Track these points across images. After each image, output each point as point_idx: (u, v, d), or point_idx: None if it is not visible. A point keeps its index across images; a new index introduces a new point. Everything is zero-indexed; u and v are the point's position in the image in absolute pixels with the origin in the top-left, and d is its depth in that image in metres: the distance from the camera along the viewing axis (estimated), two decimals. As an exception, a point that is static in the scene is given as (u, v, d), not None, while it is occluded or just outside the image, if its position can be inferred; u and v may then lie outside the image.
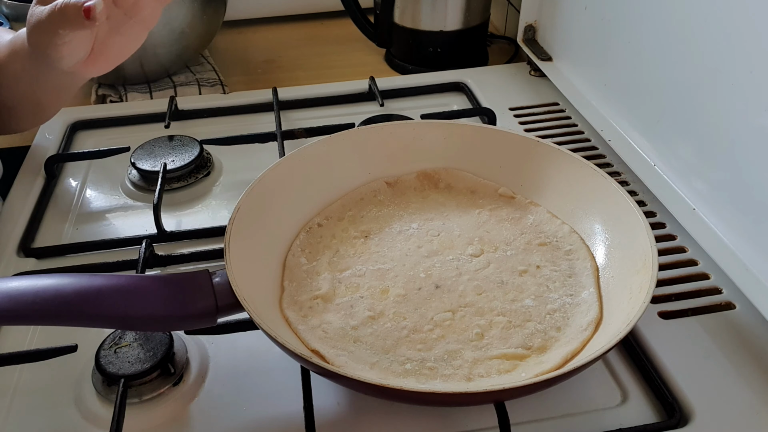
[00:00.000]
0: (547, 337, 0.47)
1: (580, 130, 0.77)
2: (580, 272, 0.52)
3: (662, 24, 0.59)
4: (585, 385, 0.48)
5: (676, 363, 0.49)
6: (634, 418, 0.46)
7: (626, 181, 0.68)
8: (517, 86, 0.86)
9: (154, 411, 0.47)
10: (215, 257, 0.60)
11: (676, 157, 0.59)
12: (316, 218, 0.58)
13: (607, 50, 0.70)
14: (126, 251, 0.61)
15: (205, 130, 0.78)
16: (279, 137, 0.72)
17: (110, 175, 0.72)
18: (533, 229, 0.56)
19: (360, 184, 0.61)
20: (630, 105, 0.67)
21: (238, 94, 0.86)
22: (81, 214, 0.67)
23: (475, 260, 0.53)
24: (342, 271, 0.53)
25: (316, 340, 0.47)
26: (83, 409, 0.48)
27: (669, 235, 0.61)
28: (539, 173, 0.59)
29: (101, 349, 0.49)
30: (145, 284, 0.44)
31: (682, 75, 0.57)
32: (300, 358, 0.41)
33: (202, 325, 0.46)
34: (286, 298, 0.51)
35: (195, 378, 0.50)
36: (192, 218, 0.66)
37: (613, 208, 0.53)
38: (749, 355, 0.50)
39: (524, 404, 0.46)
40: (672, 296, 0.55)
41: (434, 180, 0.62)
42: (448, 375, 0.45)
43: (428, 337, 0.47)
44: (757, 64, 0.48)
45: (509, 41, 1.02)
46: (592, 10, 0.71)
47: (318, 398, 0.46)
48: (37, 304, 0.41)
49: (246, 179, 0.54)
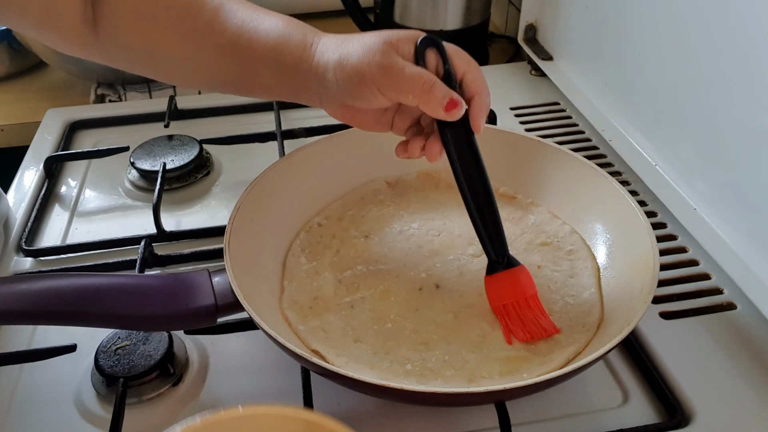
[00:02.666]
0: (549, 338, 0.47)
1: (580, 129, 0.77)
2: (581, 272, 0.52)
3: (663, 23, 0.59)
4: (586, 386, 0.48)
5: (678, 363, 0.49)
6: (636, 419, 0.46)
7: (627, 181, 0.67)
8: (517, 86, 0.86)
9: (153, 411, 0.47)
10: (215, 257, 0.60)
11: (677, 157, 0.59)
12: (317, 218, 0.58)
13: (608, 50, 0.70)
14: (125, 251, 0.61)
15: (205, 129, 0.77)
16: (279, 137, 0.72)
17: (110, 174, 0.72)
18: (534, 229, 0.56)
19: (360, 184, 0.61)
20: (631, 104, 0.67)
21: (238, 93, 0.86)
22: (80, 213, 0.67)
23: (476, 260, 0.53)
24: (342, 271, 0.53)
25: (316, 341, 0.47)
26: (83, 409, 0.48)
27: (670, 235, 0.61)
28: (540, 173, 0.58)
29: (101, 349, 0.49)
30: (145, 284, 0.44)
31: (683, 75, 0.57)
32: (300, 358, 0.41)
33: (201, 324, 0.46)
34: (286, 298, 0.51)
35: (195, 378, 0.49)
36: (191, 218, 0.66)
37: (614, 209, 0.53)
38: (750, 355, 0.50)
39: (525, 405, 0.46)
40: (673, 296, 0.55)
41: (435, 180, 0.61)
42: (449, 376, 0.44)
43: (429, 338, 0.47)
44: (757, 64, 0.48)
45: (510, 41, 1.02)
46: (592, 9, 0.71)
47: (318, 398, 0.46)
48: (36, 304, 0.41)
49: (246, 179, 0.54)
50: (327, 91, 0.46)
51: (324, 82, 0.45)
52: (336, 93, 0.46)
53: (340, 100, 0.46)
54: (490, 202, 0.47)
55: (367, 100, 0.45)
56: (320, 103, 0.48)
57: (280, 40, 0.47)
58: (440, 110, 0.43)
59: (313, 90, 0.47)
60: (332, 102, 0.48)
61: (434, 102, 0.43)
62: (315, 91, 0.47)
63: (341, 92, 0.45)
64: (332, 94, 0.46)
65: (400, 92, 0.44)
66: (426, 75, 0.43)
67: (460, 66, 0.46)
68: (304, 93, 0.48)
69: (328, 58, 0.45)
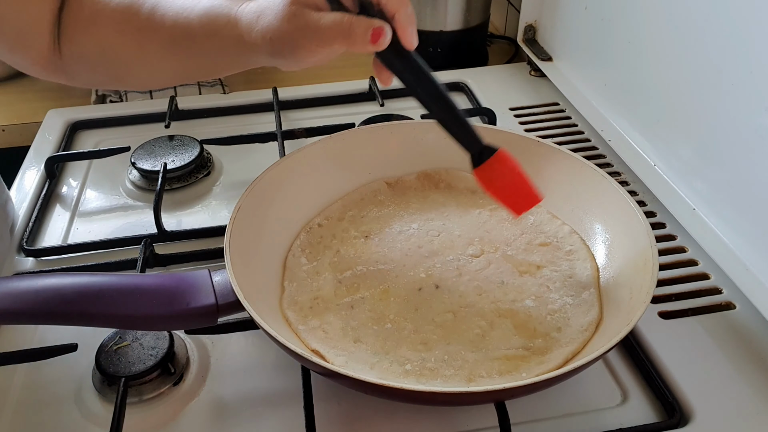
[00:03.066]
0: (548, 337, 0.47)
1: (580, 130, 0.77)
2: (580, 272, 0.52)
3: (662, 24, 0.59)
4: (585, 385, 0.48)
5: (677, 363, 0.49)
6: (635, 418, 0.46)
7: (626, 181, 0.68)
8: (517, 86, 0.86)
9: (154, 411, 0.47)
10: (215, 257, 0.60)
11: (676, 157, 0.59)
12: (317, 218, 0.58)
13: (608, 50, 0.70)
14: (126, 251, 0.61)
15: (205, 130, 0.78)
16: (279, 137, 0.72)
17: (110, 174, 0.72)
18: (533, 229, 0.56)
19: (360, 185, 0.61)
20: (630, 105, 0.67)
21: (238, 94, 0.86)
22: (81, 213, 0.67)
23: (475, 260, 0.53)
24: (342, 272, 0.53)
25: (316, 341, 0.47)
26: (83, 408, 0.48)
27: (669, 235, 0.61)
28: (539, 173, 0.58)
29: (101, 349, 0.49)
30: (146, 283, 0.44)
31: (683, 75, 0.57)
32: (300, 357, 0.41)
33: (202, 324, 0.46)
34: (287, 299, 0.51)
35: (195, 377, 0.50)
36: (192, 218, 0.66)
37: (614, 209, 0.53)
38: (749, 355, 0.50)
39: (525, 404, 0.46)
40: (672, 296, 0.55)
41: (434, 180, 0.62)
42: (449, 376, 0.44)
43: (429, 338, 0.47)
44: (757, 64, 0.48)
45: (509, 41, 1.02)
46: (592, 10, 0.71)
47: (318, 398, 0.46)
48: (37, 303, 0.41)
49: (246, 179, 0.54)
50: (273, 59, 0.47)
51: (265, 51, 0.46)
52: (281, 63, 0.47)
53: (288, 66, 0.47)
54: (449, 107, 0.47)
55: (306, 61, 0.45)
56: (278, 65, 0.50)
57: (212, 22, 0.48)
58: (368, 46, 0.43)
59: (263, 58, 0.48)
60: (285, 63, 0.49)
61: (359, 40, 0.43)
62: (265, 60, 0.48)
63: (282, 63, 0.46)
64: (278, 62, 0.47)
65: (326, 44, 0.44)
66: (340, 18, 0.43)
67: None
68: (258, 61, 0.49)
69: (255, 35, 0.46)
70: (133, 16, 0.49)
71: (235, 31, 0.47)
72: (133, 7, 0.49)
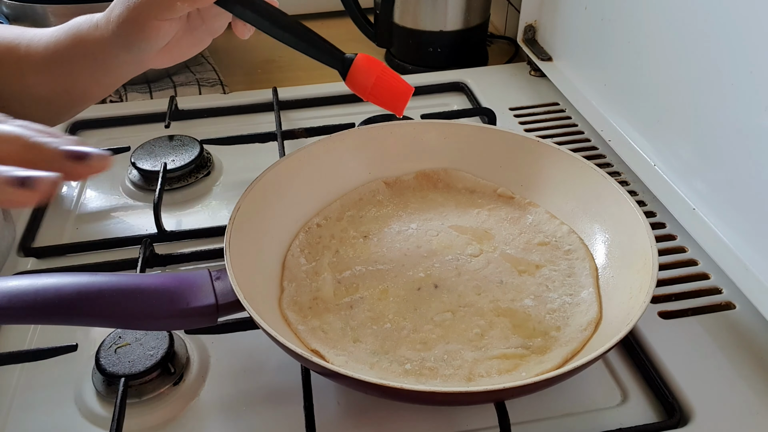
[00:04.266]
0: (547, 336, 0.47)
1: (580, 129, 0.77)
2: (579, 272, 0.52)
3: (662, 24, 0.59)
4: (585, 385, 0.48)
5: (676, 363, 0.49)
6: (634, 418, 0.46)
7: (626, 181, 0.68)
8: (517, 86, 0.86)
9: (154, 411, 0.47)
10: (215, 257, 0.60)
11: (676, 157, 0.59)
12: (316, 218, 0.58)
13: (607, 50, 0.70)
14: (126, 251, 0.61)
15: (205, 130, 0.78)
16: (279, 137, 0.72)
17: (110, 174, 0.72)
18: (532, 228, 0.56)
19: (359, 184, 0.61)
20: (630, 105, 0.67)
21: (238, 94, 0.86)
22: (81, 213, 0.67)
23: (474, 260, 0.53)
24: (341, 272, 0.53)
25: (316, 341, 0.47)
26: (83, 408, 0.48)
27: (669, 235, 0.61)
28: (539, 173, 0.59)
29: (101, 349, 0.49)
30: (146, 283, 0.44)
31: (682, 75, 0.57)
32: (300, 357, 0.41)
33: (202, 324, 0.46)
34: (286, 299, 0.51)
35: (195, 377, 0.50)
36: (192, 218, 0.66)
37: (613, 208, 0.53)
38: (749, 355, 0.50)
39: (524, 404, 0.46)
40: (672, 296, 0.55)
41: (433, 180, 0.62)
42: (448, 375, 0.45)
43: (428, 338, 0.47)
44: (757, 64, 0.48)
45: (509, 41, 1.02)
46: (592, 10, 0.71)
47: (318, 398, 0.46)
48: (37, 303, 0.41)
49: (246, 179, 0.54)
50: (128, 49, 0.51)
51: (121, 44, 0.50)
52: (136, 50, 0.50)
53: (144, 51, 0.50)
54: (301, 32, 0.50)
55: (158, 37, 0.48)
56: (143, 64, 0.53)
57: (78, 31, 0.53)
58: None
59: (123, 54, 0.52)
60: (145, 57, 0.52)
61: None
62: (125, 55, 0.52)
63: (138, 50, 0.50)
64: (133, 50, 0.50)
65: (170, 6, 0.46)
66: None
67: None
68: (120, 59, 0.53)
69: (111, 28, 0.50)
70: (14, 49, 0.54)
71: (97, 33, 0.51)
72: (13, 42, 0.54)
